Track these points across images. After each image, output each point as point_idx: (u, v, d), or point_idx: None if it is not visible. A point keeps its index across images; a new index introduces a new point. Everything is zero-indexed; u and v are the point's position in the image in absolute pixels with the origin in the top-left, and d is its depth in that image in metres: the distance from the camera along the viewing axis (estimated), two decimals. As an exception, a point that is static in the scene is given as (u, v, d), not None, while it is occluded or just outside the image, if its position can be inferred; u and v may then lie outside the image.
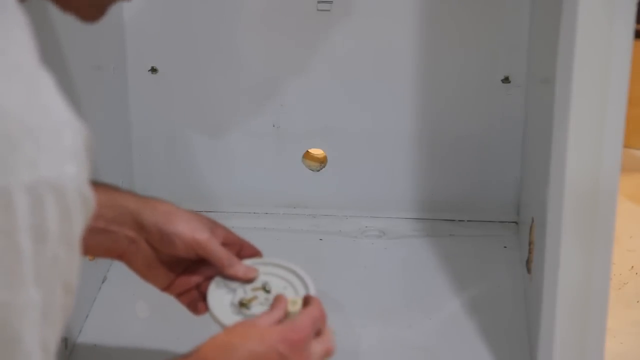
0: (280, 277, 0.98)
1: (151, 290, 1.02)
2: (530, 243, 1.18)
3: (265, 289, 0.96)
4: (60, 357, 1.11)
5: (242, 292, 0.95)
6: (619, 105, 0.89)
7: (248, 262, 0.98)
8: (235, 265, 0.94)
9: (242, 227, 1.43)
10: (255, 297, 0.95)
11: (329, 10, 1.36)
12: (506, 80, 1.37)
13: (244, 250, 0.98)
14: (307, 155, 1.45)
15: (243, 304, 0.93)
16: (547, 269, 0.98)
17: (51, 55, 1.09)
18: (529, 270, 1.19)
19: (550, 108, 0.96)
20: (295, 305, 0.90)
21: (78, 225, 0.54)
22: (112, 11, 1.34)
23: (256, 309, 0.93)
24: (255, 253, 0.99)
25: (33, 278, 0.52)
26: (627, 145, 0.91)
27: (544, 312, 1.00)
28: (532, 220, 1.16)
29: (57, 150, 0.52)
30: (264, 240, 1.39)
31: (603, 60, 0.88)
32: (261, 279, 0.97)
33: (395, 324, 1.20)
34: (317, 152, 1.45)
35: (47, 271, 0.53)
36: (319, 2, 1.35)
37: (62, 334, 0.56)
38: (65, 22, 1.13)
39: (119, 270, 1.31)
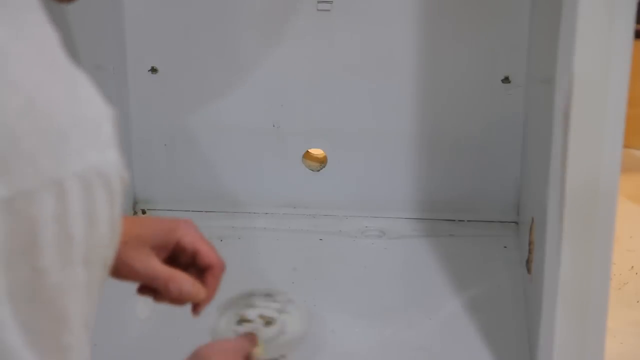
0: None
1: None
2: (530, 243, 1.18)
3: (266, 318, 1.05)
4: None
5: (252, 312, 1.05)
6: (619, 105, 0.89)
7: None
8: (172, 281, 0.88)
9: (242, 227, 1.43)
10: (252, 321, 1.05)
11: (329, 10, 1.36)
12: (506, 80, 1.37)
13: (198, 258, 0.90)
14: (307, 155, 1.45)
15: (241, 321, 1.04)
16: (547, 269, 0.98)
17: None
18: (529, 270, 1.19)
19: (550, 108, 0.96)
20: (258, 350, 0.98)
21: (119, 207, 0.57)
22: (112, 11, 1.34)
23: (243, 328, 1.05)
24: (211, 264, 0.91)
25: (82, 260, 0.54)
26: (627, 145, 0.91)
27: (544, 312, 0.99)
28: (532, 220, 1.16)
29: (100, 139, 0.54)
30: (264, 240, 1.40)
31: (603, 60, 0.88)
32: (279, 318, 1.07)
33: (395, 324, 1.20)
34: (317, 152, 1.45)
35: (93, 252, 0.55)
36: (319, 2, 1.35)
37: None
38: (66, 22, 1.13)
39: (119, 270, 1.31)
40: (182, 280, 0.87)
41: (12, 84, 0.50)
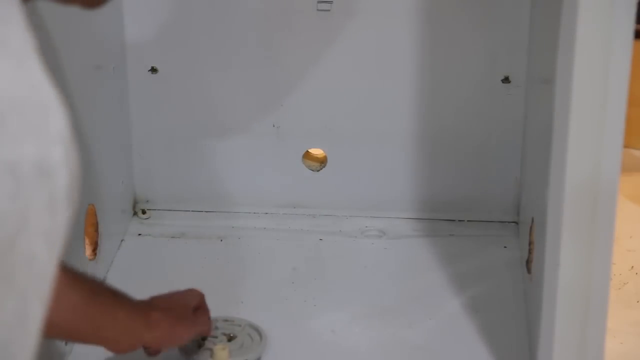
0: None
1: (151, 290, 1.02)
2: (530, 243, 1.18)
3: (228, 336, 1.12)
4: (60, 356, 1.11)
5: (215, 331, 1.13)
6: (619, 105, 0.89)
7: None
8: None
9: (242, 227, 1.43)
10: (215, 337, 1.12)
11: (329, 10, 1.36)
12: (506, 80, 1.37)
13: None
14: (307, 155, 1.45)
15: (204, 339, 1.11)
16: (547, 269, 0.98)
17: (52, 55, 1.09)
18: (529, 270, 1.19)
19: (550, 108, 0.96)
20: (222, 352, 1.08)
21: (63, 214, 0.50)
22: (112, 11, 1.34)
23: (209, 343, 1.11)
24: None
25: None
26: (627, 145, 0.91)
27: (544, 312, 0.99)
28: (532, 220, 1.16)
29: (44, 132, 0.49)
30: (264, 240, 1.40)
31: (603, 60, 0.88)
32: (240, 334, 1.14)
33: (395, 324, 1.20)
34: (317, 152, 1.45)
35: (18, 271, 0.49)
36: (319, 2, 1.35)
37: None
38: (66, 22, 1.13)
39: (119, 270, 1.31)
40: None
41: None
